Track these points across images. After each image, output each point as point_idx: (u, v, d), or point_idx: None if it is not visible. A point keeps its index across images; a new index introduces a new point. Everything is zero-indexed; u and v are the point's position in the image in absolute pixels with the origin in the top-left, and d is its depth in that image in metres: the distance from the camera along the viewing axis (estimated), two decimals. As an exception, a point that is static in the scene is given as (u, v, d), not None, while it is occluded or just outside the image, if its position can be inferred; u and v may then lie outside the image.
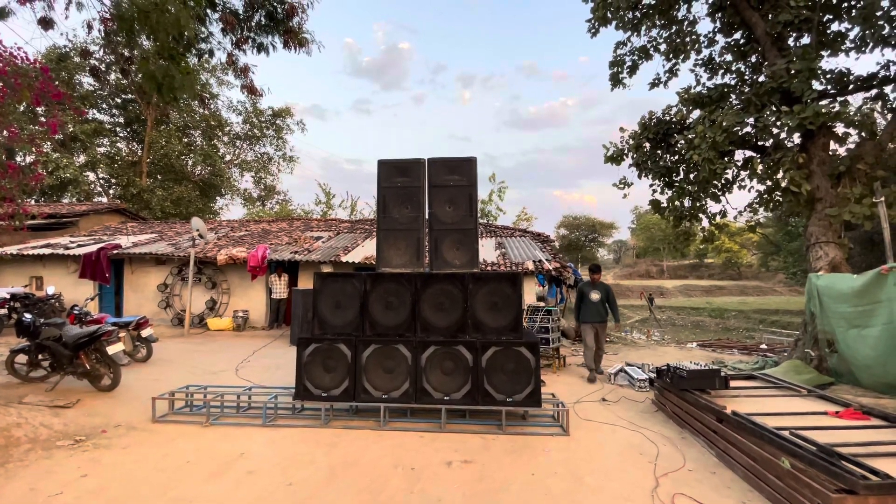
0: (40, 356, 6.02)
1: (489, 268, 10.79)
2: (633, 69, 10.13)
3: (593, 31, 9.89)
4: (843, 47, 8.24)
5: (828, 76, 7.90)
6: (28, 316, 6.10)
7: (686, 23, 9.52)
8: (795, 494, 3.11)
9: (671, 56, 9.73)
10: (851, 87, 7.78)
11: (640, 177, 9.52)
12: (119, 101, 27.11)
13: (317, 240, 14.36)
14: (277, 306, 12.63)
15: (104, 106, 26.97)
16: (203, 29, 5.96)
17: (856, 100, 7.92)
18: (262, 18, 6.42)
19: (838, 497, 2.81)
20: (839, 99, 7.83)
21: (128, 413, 5.18)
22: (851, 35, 8.06)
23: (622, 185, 9.64)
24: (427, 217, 5.57)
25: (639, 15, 9.53)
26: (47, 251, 13.26)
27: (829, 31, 8.25)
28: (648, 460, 4.08)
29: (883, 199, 6.35)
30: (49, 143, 21.68)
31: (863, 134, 7.23)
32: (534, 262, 11.26)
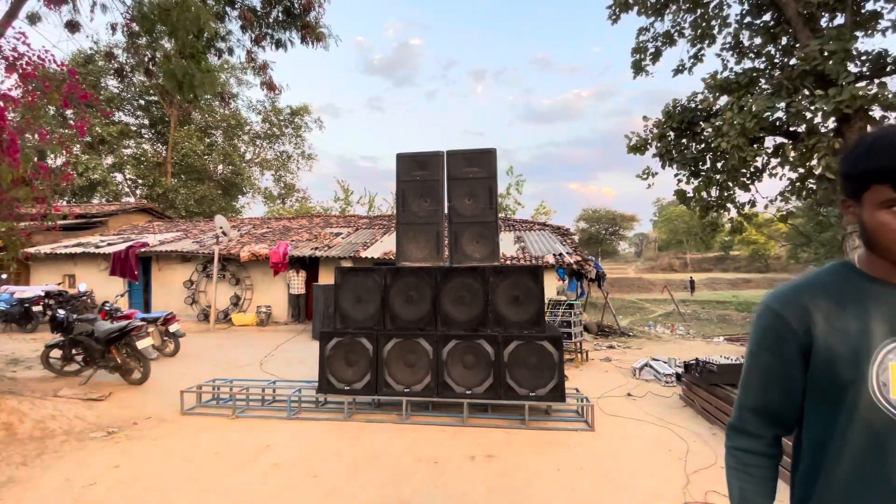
0: (74, 351, 6.21)
1: (508, 262, 10.69)
2: (656, 56, 9.85)
3: (614, 17, 9.64)
4: (879, 27, 7.85)
5: (863, 58, 7.52)
6: (61, 312, 6.29)
7: (713, 5, 9.19)
8: (836, 493, 2.96)
9: (696, 41, 9.42)
10: (889, 68, 7.39)
11: (664, 167, 9.27)
12: (143, 102, 27.81)
13: (336, 236, 14.47)
14: (297, 301, 12.79)
15: (129, 108, 27.72)
16: (222, 27, 6.01)
17: (893, 82, 7.52)
18: (280, 14, 6.44)
19: (884, 496, 2.64)
20: (876, 81, 7.46)
21: (157, 406, 5.31)
22: (889, 15, 7.68)
23: (646, 176, 9.40)
24: (446, 210, 5.52)
25: (662, -1, 9.25)
26: (79, 250, 13.70)
27: (863, 11, 7.86)
28: (678, 457, 3.97)
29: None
30: (78, 146, 22.38)
31: (903, 117, 6.87)
32: (554, 255, 11.11)
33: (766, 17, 8.71)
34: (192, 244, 13.86)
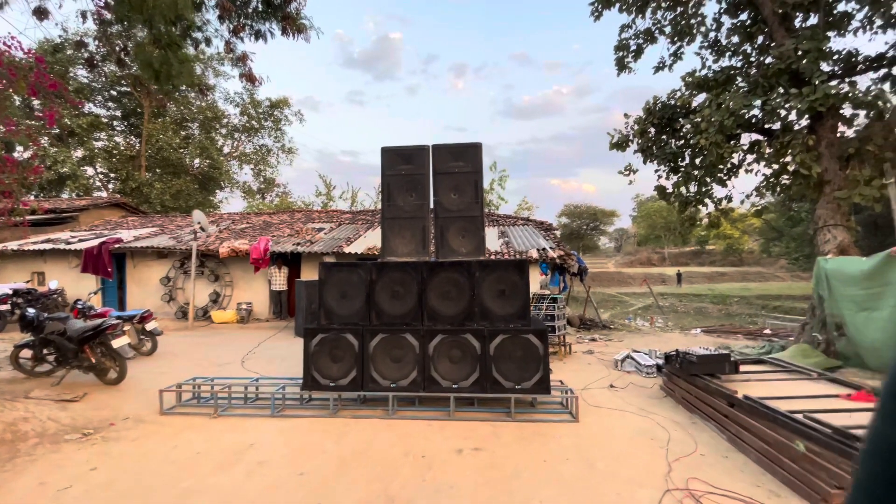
0: (45, 351, 5.99)
1: (493, 256, 10.73)
2: (637, 53, 9.98)
3: (596, 14, 9.72)
4: (850, 27, 8.11)
5: (835, 57, 7.77)
6: (31, 311, 6.06)
7: (691, 4, 9.35)
8: (811, 477, 3.08)
9: (676, 39, 9.57)
10: (860, 67, 7.65)
11: (645, 163, 9.42)
12: (115, 93, 26.87)
13: (318, 231, 14.29)
14: (278, 298, 12.61)
15: (99, 98, 26.75)
16: (199, 16, 5.83)
17: (863, 80, 7.79)
18: (259, 4, 6.28)
19: (857, 479, 2.77)
20: (847, 80, 7.71)
21: (135, 406, 5.17)
22: (859, 16, 7.93)
23: (627, 172, 9.54)
24: (432, 205, 5.50)
25: (643, -4, 9.36)
26: (48, 246, 13.21)
27: (835, 11, 8.10)
28: (660, 445, 4.06)
29: (893, 180, 6.28)
30: (46, 138, 21.55)
31: (871, 115, 7.13)
32: (537, 250, 11.20)
33: (743, 16, 8.90)
34: (169, 240, 13.50)
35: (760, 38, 8.77)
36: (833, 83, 6.97)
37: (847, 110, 7.41)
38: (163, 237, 13.98)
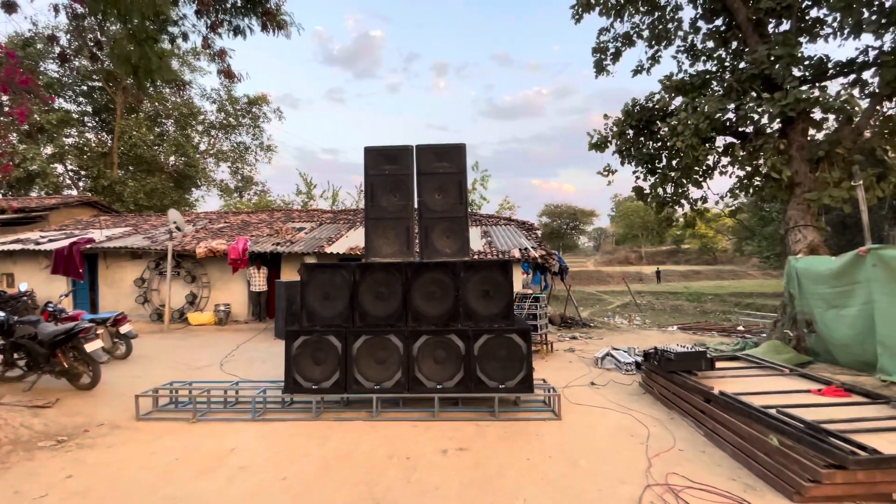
0: (15, 355, 5.79)
1: (476, 256, 10.78)
2: (616, 56, 10.15)
3: (577, 17, 9.85)
4: (821, 33, 8.40)
5: (806, 62, 8.03)
6: (1, 314, 5.85)
7: (669, 8, 9.55)
8: (784, 470, 3.20)
9: (654, 43, 9.77)
10: (830, 72, 7.92)
11: (623, 164, 9.59)
12: (86, 88, 25.98)
13: (299, 231, 14.12)
14: (258, 299, 12.41)
15: (70, 94, 25.83)
16: (176, 10, 5.69)
17: (833, 85, 8.08)
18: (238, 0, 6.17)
19: (828, 472, 2.90)
20: (818, 85, 7.98)
21: (110, 411, 5.03)
22: (831, 21, 8.21)
23: (607, 173, 9.69)
24: (416, 205, 5.49)
25: (622, 0, 9.52)
26: (17, 247, 12.72)
27: (808, 18, 8.38)
28: (640, 442, 4.15)
29: (861, 182, 6.53)
30: (15, 135, 20.73)
31: (840, 119, 7.40)
32: (520, 250, 11.29)
33: (719, 21, 9.14)
34: (143, 240, 13.16)
35: (735, 44, 9.01)
36: (804, 88, 7.20)
37: (817, 114, 7.68)
38: (137, 237, 13.62)
